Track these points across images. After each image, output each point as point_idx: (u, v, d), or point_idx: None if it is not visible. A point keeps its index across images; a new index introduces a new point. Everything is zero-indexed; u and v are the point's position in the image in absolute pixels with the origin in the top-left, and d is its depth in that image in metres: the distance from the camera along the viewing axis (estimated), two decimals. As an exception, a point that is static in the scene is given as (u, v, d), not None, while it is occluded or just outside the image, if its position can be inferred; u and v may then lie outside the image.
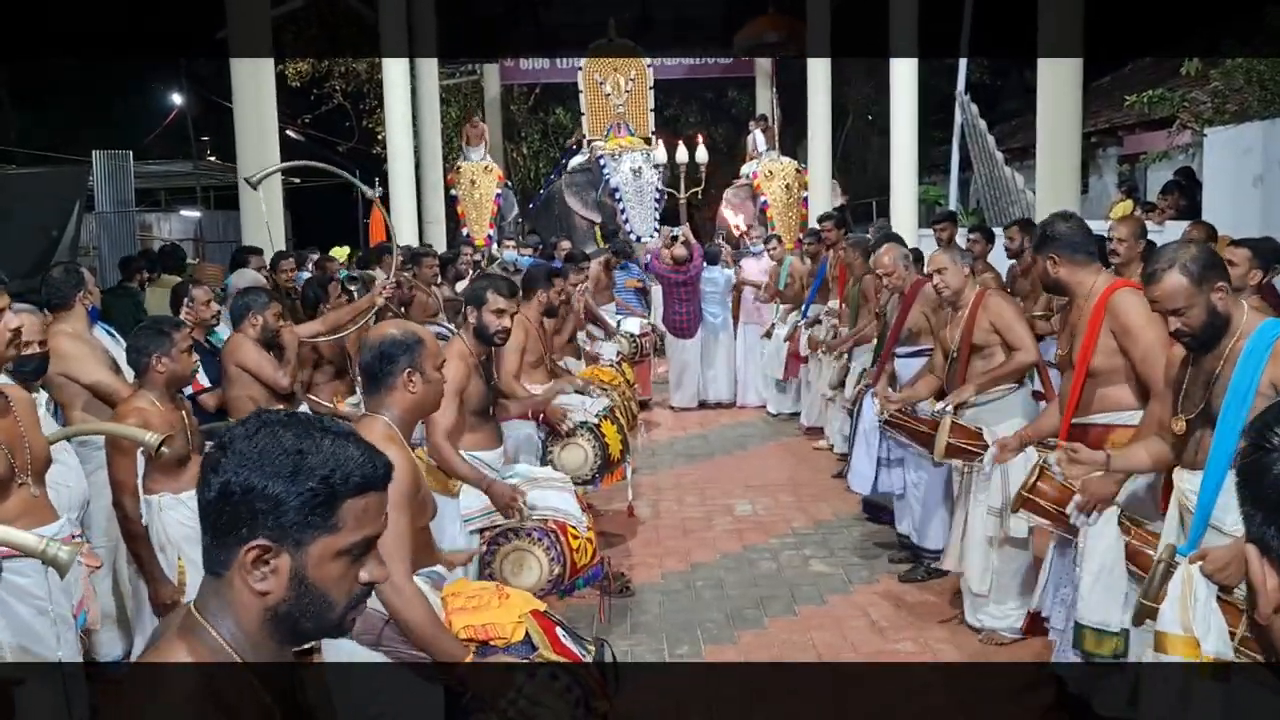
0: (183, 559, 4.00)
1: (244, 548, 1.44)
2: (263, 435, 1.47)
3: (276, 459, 1.45)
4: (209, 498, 1.46)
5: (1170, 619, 3.03)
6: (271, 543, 1.45)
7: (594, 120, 16.34)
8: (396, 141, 14.18)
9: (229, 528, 1.45)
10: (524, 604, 2.99)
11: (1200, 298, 3.19)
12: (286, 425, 1.49)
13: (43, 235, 13.22)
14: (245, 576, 1.46)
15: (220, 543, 1.47)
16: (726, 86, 23.01)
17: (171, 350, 4.01)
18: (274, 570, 1.46)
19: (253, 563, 1.45)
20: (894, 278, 6.15)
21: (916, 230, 12.28)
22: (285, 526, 1.44)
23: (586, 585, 4.43)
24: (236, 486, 1.44)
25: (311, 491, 1.45)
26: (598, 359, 8.04)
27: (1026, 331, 4.95)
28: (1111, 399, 4.05)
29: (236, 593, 1.47)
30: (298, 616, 1.49)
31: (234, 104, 9.86)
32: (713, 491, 7.86)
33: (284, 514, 1.44)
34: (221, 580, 1.48)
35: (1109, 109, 16.07)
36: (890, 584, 5.82)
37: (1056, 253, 4.08)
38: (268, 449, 1.45)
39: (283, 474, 1.44)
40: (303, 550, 1.46)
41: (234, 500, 1.44)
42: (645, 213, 15.58)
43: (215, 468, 1.46)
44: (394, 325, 3.21)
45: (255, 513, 1.44)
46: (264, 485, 1.44)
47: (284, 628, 1.50)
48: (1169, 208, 9.93)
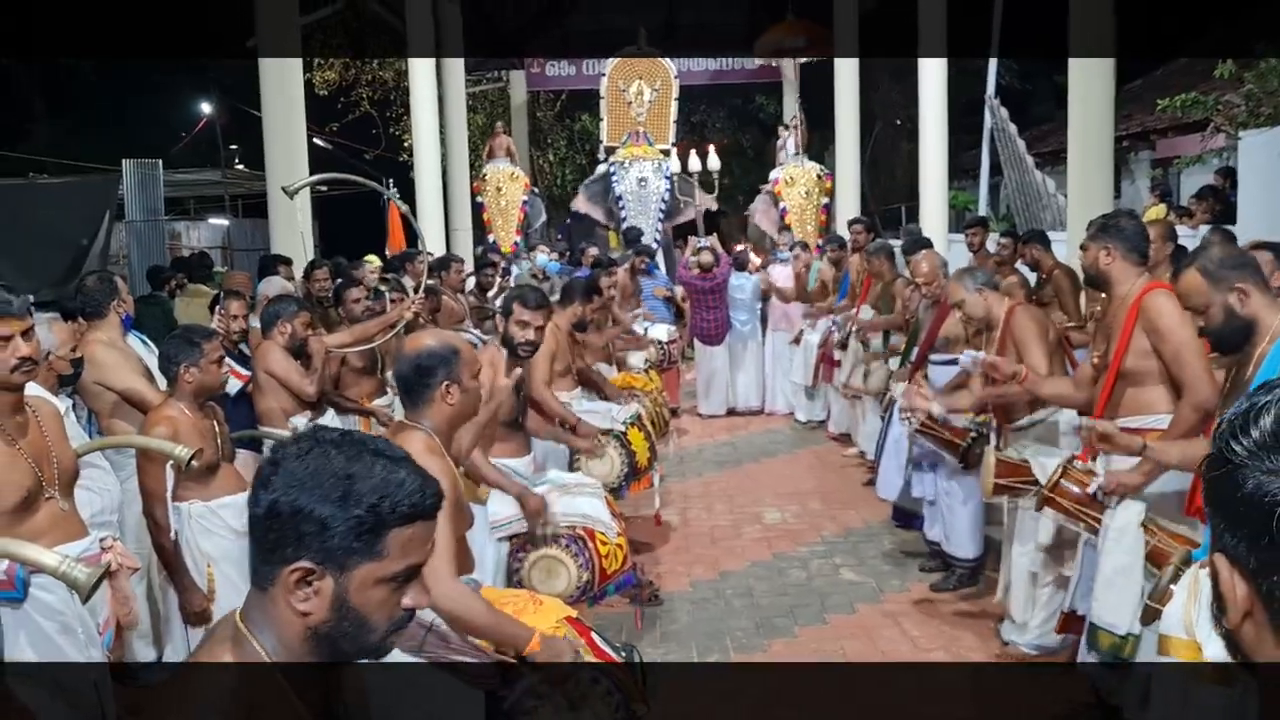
0: (212, 567, 3.99)
1: (287, 568, 1.43)
2: (314, 455, 1.45)
3: (326, 482, 1.43)
4: (257, 513, 1.46)
5: (1174, 622, 3.00)
6: (315, 565, 1.43)
7: (613, 127, 16.32)
8: (423, 149, 14.23)
9: (275, 546, 1.44)
10: (559, 610, 2.98)
11: (1217, 297, 3.20)
12: (339, 446, 1.47)
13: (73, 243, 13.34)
14: (288, 596, 1.45)
15: (265, 559, 1.46)
16: (753, 92, 22.99)
17: (200, 360, 4.01)
18: (316, 592, 1.45)
19: (295, 583, 1.44)
20: (933, 286, 6.09)
21: (946, 236, 12.19)
22: (330, 550, 1.43)
23: (617, 592, 4.41)
24: (285, 506, 1.43)
25: (358, 519, 1.43)
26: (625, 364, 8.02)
27: (1042, 354, 4.76)
28: (1142, 401, 4.00)
29: (279, 609, 1.47)
30: (337, 638, 1.48)
31: (263, 112, 9.90)
32: (742, 499, 7.81)
33: (330, 538, 1.42)
34: (265, 595, 1.48)
35: (1141, 112, 15.93)
36: (922, 592, 5.76)
37: (1115, 244, 4.03)
38: (318, 470, 1.44)
39: (331, 498, 1.42)
40: (346, 575, 1.45)
41: (281, 519, 1.43)
42: (647, 224, 15.56)
43: (265, 484, 1.45)
44: (431, 335, 3.18)
45: (301, 534, 1.43)
46: (311, 508, 1.42)
47: (324, 647, 1.49)
48: (1203, 212, 9.81)
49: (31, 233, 13.25)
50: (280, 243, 9.75)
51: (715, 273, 10.63)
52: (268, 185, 10.09)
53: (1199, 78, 13.56)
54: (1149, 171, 16.33)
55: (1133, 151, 16.36)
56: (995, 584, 5.51)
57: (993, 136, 13.76)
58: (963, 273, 5.26)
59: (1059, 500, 4.02)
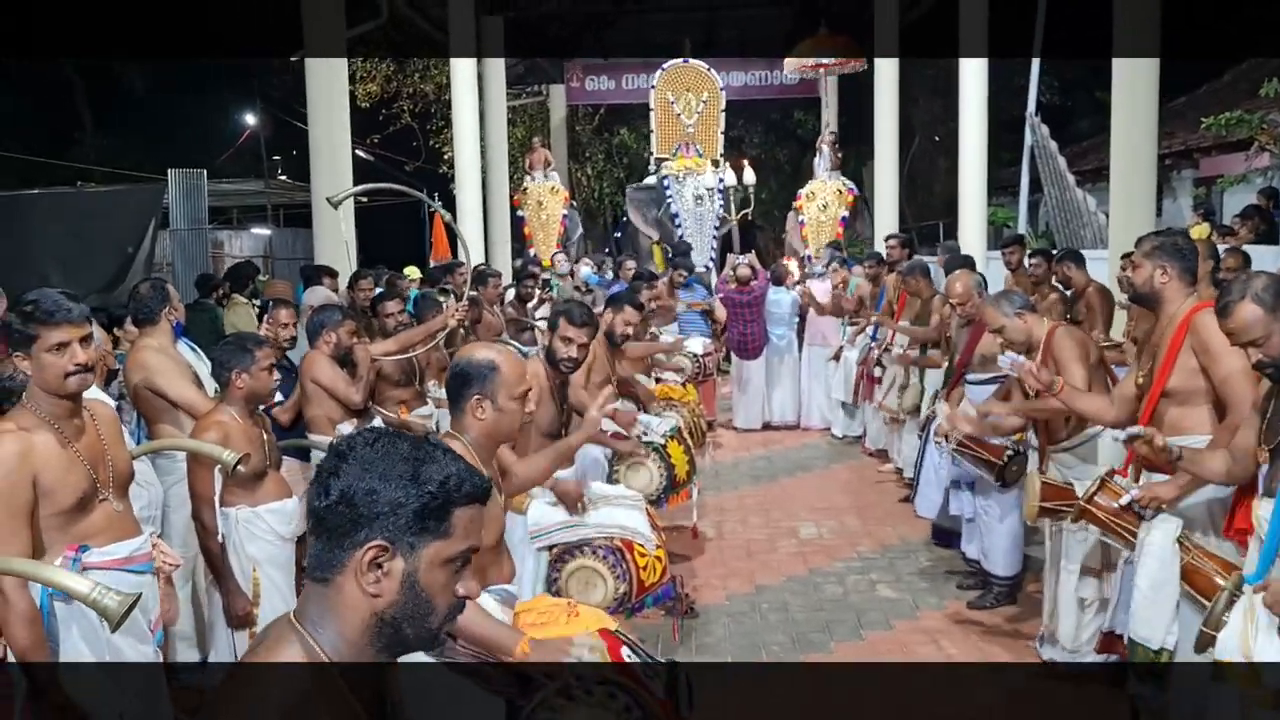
0: (258, 571, 4.06)
1: (363, 549, 1.49)
2: (382, 443, 1.53)
3: (397, 464, 1.50)
4: (327, 503, 1.50)
5: (1231, 647, 2.98)
6: (388, 544, 1.49)
7: (663, 138, 16.36)
8: (464, 162, 14.36)
9: (347, 530, 1.50)
10: (594, 621, 2.97)
11: (1277, 325, 3.15)
12: (402, 438, 1.56)
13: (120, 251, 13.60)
14: (359, 579, 1.50)
15: (334, 545, 1.51)
16: (791, 107, 23.00)
17: (252, 367, 4.08)
18: (387, 573, 1.50)
19: (369, 564, 1.49)
20: (968, 306, 6.07)
21: (985, 253, 12.13)
22: (402, 529, 1.50)
23: (655, 604, 4.41)
24: (358, 489, 1.49)
25: (430, 495, 1.50)
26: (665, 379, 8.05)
27: (1082, 374, 4.72)
28: (1186, 422, 3.97)
29: (345, 596, 1.52)
30: (402, 621, 1.53)
31: (309, 124, 10.03)
32: (777, 514, 7.81)
33: (402, 517, 1.49)
34: (329, 585, 1.53)
35: (1184, 130, 15.82)
36: (959, 610, 5.74)
37: (1171, 264, 4.02)
38: (388, 454, 1.51)
39: (404, 478, 1.50)
40: (416, 554, 1.51)
41: (354, 503, 1.49)
42: (704, 242, 15.59)
43: (335, 473, 1.51)
44: (484, 348, 3.16)
45: (376, 515, 1.49)
46: (384, 489, 1.49)
47: (386, 634, 1.53)
48: (1248, 231, 9.72)
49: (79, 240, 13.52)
50: (322, 252, 9.88)
51: (752, 286, 10.65)
52: (311, 195, 10.23)
53: (1243, 96, 13.47)
54: (1191, 190, 16.19)
55: (1175, 170, 16.23)
56: (1033, 602, 5.50)
57: (1033, 153, 13.68)
58: (999, 297, 5.23)
59: (1095, 512, 4.01)
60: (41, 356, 3.01)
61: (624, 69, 19.95)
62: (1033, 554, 5.94)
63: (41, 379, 3.04)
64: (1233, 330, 3.24)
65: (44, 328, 3.00)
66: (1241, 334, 3.21)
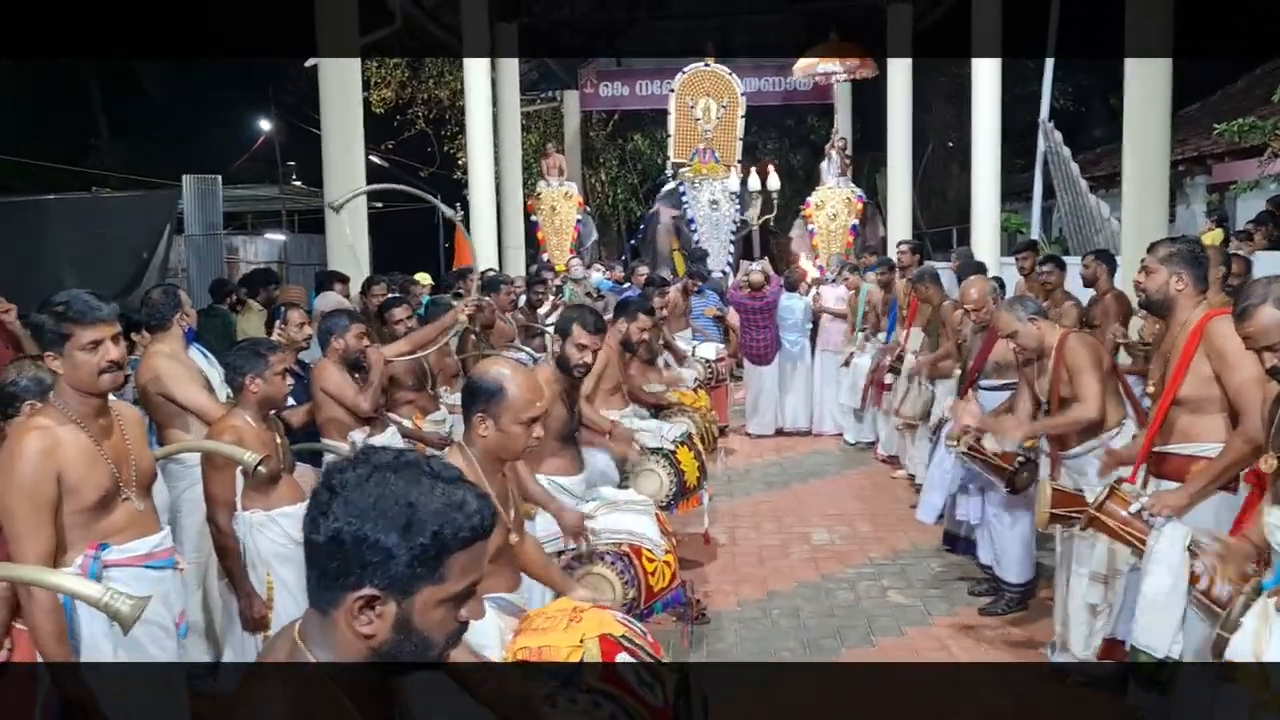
0: (272, 575, 4.07)
1: (351, 595, 1.45)
2: (374, 483, 1.46)
3: (389, 510, 1.45)
4: (318, 541, 1.46)
5: (1243, 651, 2.96)
6: (379, 592, 1.45)
7: (680, 143, 16.37)
8: (478, 167, 14.41)
9: (337, 574, 1.46)
10: (596, 626, 2.94)
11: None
12: (396, 470, 1.49)
13: (134, 256, 13.68)
14: (351, 620, 1.47)
15: (327, 585, 1.48)
16: (806, 113, 23.01)
17: (265, 372, 4.10)
18: (380, 616, 1.47)
19: (360, 609, 1.46)
20: (982, 313, 6.07)
21: (998, 259, 12.13)
22: (394, 578, 1.45)
23: (665, 610, 4.41)
24: (348, 536, 1.44)
25: (422, 547, 1.45)
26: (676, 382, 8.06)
27: (1095, 384, 4.70)
28: (1196, 430, 3.97)
29: (340, 632, 1.49)
30: (399, 656, 1.51)
31: (322, 130, 10.09)
32: (789, 520, 7.82)
33: (394, 566, 1.44)
34: (326, 618, 1.50)
35: (1197, 137, 15.78)
36: (970, 616, 5.73)
37: (1186, 271, 4.01)
38: (381, 499, 1.45)
39: (395, 526, 1.44)
40: (409, 599, 1.47)
41: (344, 548, 1.44)
42: (720, 246, 15.60)
43: (324, 512, 1.46)
44: (498, 365, 3.15)
45: (365, 563, 1.44)
46: (376, 537, 1.44)
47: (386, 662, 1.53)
48: (1262, 237, 9.68)
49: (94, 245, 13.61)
50: (336, 258, 9.92)
51: (765, 292, 10.66)
52: (325, 201, 10.29)
53: (1257, 102, 13.43)
54: (1204, 196, 16.15)
55: (1188, 176, 16.19)
56: (1045, 608, 5.49)
57: (1046, 159, 13.67)
58: (1013, 302, 5.20)
59: (1105, 520, 4.00)
60: (75, 355, 3.08)
61: (638, 75, 20.01)
62: (1044, 561, 5.94)
63: (75, 377, 3.10)
64: (1250, 334, 3.18)
65: (78, 326, 3.07)
66: (1259, 338, 3.15)
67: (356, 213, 10.35)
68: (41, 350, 3.15)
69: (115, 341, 3.14)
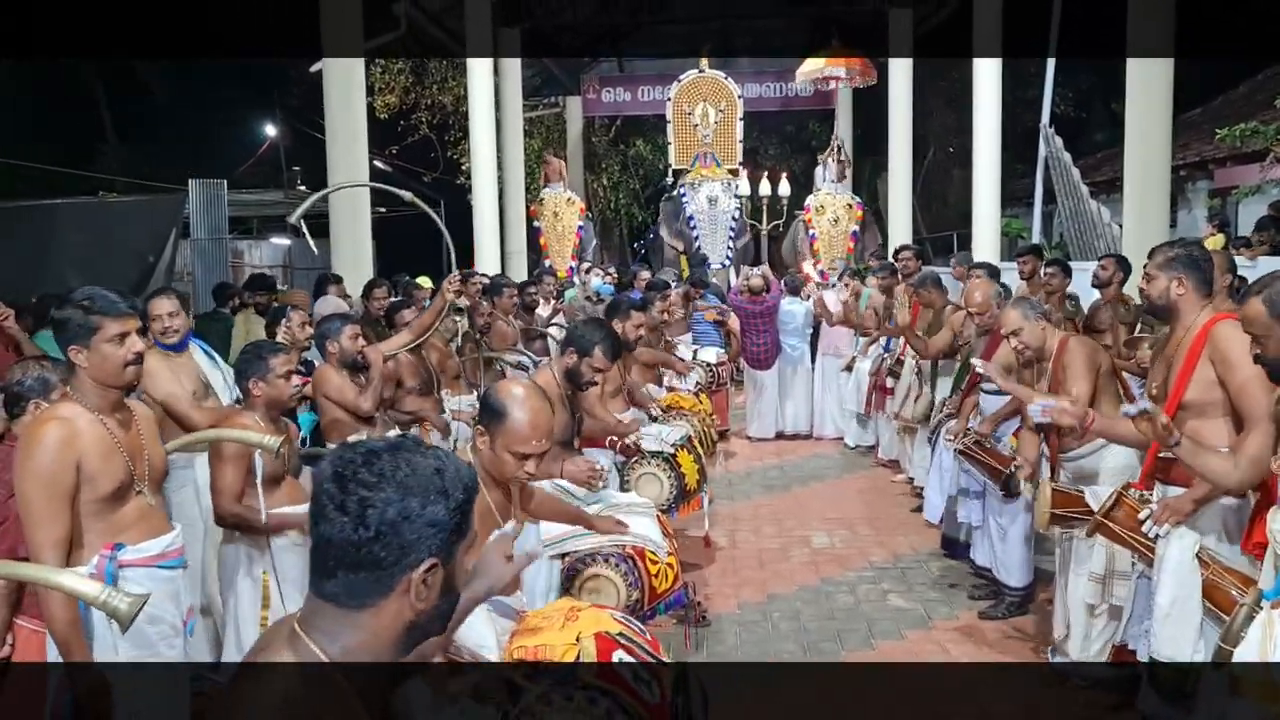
0: (268, 575, 4.08)
1: (415, 572, 1.49)
2: (402, 463, 1.51)
3: (426, 482, 1.51)
4: (365, 537, 1.47)
5: None
6: (438, 560, 1.52)
7: (680, 150, 16.44)
8: (481, 172, 14.47)
9: (398, 557, 1.48)
10: (592, 625, 2.95)
11: (1277, 329, 3.17)
12: (403, 449, 1.54)
13: (140, 260, 13.70)
14: (409, 599, 1.51)
15: (382, 575, 1.49)
16: (807, 119, 23.05)
17: (268, 375, 4.13)
18: (432, 585, 1.52)
19: (423, 583, 1.50)
20: (986, 317, 6.09)
21: (999, 263, 12.14)
22: (444, 542, 1.52)
23: (667, 611, 4.45)
24: (401, 517, 1.48)
25: (460, 504, 1.54)
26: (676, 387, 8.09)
27: (1087, 385, 4.71)
28: (1202, 434, 3.95)
29: (384, 616, 1.51)
30: (433, 620, 1.57)
31: (326, 135, 10.15)
32: (790, 523, 7.84)
33: (443, 531, 1.51)
34: (363, 610, 1.51)
35: (1199, 142, 15.82)
36: (971, 620, 5.75)
37: (1186, 275, 4.01)
38: (413, 474, 1.51)
39: (437, 493, 1.51)
40: (452, 560, 1.55)
41: (399, 531, 1.48)
42: (718, 242, 15.63)
43: (367, 507, 1.47)
44: (515, 387, 3.15)
45: (421, 537, 1.49)
46: (427, 509, 1.50)
47: (414, 636, 1.56)
48: (1263, 243, 9.71)
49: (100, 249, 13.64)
50: (341, 262, 9.98)
51: (765, 297, 10.70)
52: (330, 205, 10.33)
53: (1259, 107, 13.45)
54: (1206, 201, 16.17)
55: (1190, 181, 16.22)
56: (1046, 612, 5.52)
57: (1047, 164, 13.70)
58: (1019, 301, 5.23)
59: (1112, 526, 4.00)
60: (102, 347, 3.15)
61: (640, 80, 20.08)
62: (1046, 566, 5.97)
63: (101, 370, 3.17)
64: (1242, 319, 3.33)
65: (107, 318, 3.14)
66: (1245, 326, 3.30)
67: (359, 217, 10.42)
68: (63, 345, 3.20)
69: (140, 333, 3.23)
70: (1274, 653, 2.92)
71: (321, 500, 1.49)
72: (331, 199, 10.04)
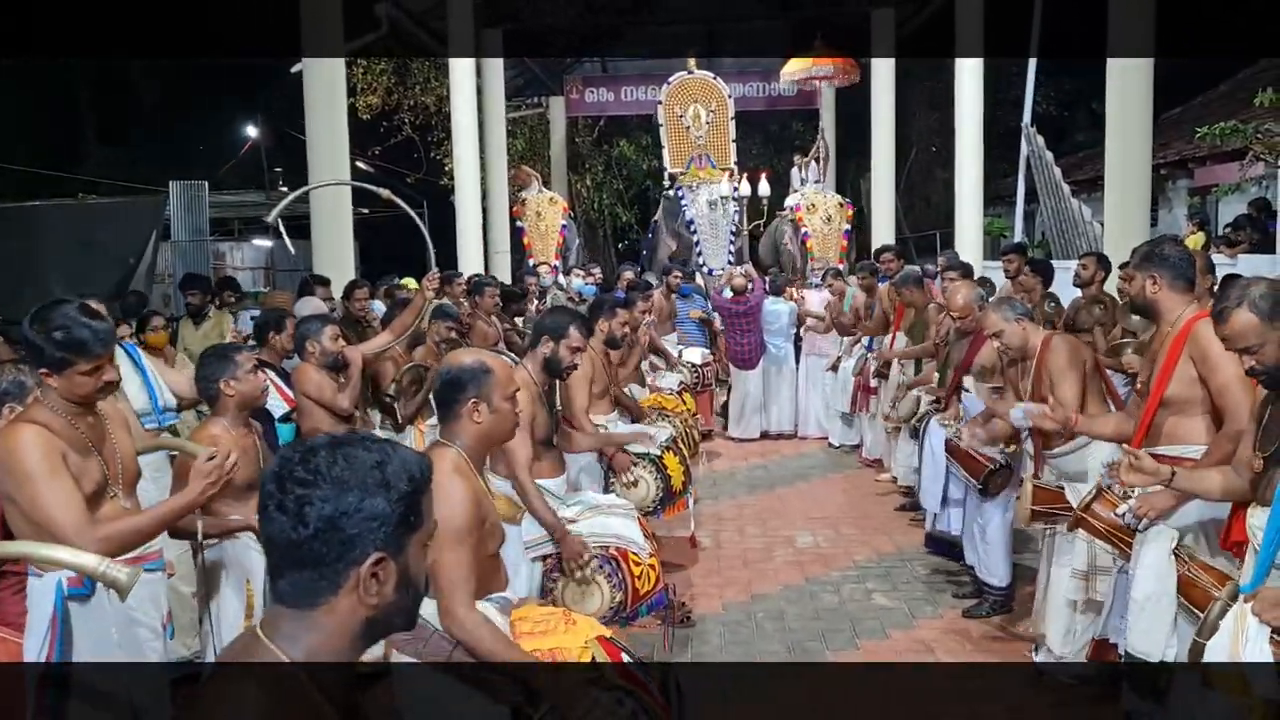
0: (251, 583, 4.04)
1: (360, 568, 1.49)
2: (340, 458, 1.51)
3: (365, 476, 1.50)
4: (305, 535, 1.47)
5: (1220, 656, 2.98)
6: (384, 554, 1.50)
7: (675, 153, 16.41)
8: (464, 173, 14.44)
9: (340, 554, 1.48)
10: (590, 629, 2.99)
11: (1272, 334, 3.13)
12: (345, 444, 1.54)
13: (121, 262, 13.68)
14: (359, 595, 1.50)
15: (324, 571, 1.49)
16: (790, 119, 23.07)
17: (238, 372, 4.10)
18: (384, 579, 1.52)
19: (370, 578, 1.50)
20: (967, 320, 6.10)
21: (982, 262, 12.21)
22: (389, 535, 1.51)
23: (649, 613, 4.44)
24: (339, 513, 1.47)
25: (404, 496, 1.52)
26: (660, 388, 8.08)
27: (1074, 384, 4.71)
28: (1183, 431, 3.98)
29: (338, 614, 1.51)
30: (394, 615, 1.56)
31: (307, 136, 10.10)
32: (774, 522, 7.84)
33: (388, 524, 1.50)
34: (316, 609, 1.51)
35: (1179, 141, 15.89)
36: (955, 619, 5.75)
37: (1160, 273, 4.00)
38: (352, 469, 1.50)
39: (378, 487, 1.50)
40: (403, 553, 1.54)
41: (340, 527, 1.47)
42: (719, 246, 15.61)
43: (305, 504, 1.47)
44: (467, 354, 3.24)
45: (362, 532, 1.48)
46: (366, 504, 1.49)
47: (376, 630, 1.56)
48: (1242, 241, 9.76)
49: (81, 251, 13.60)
50: (323, 263, 9.93)
51: (748, 297, 10.70)
52: (311, 207, 10.29)
53: (1239, 106, 13.52)
54: (1186, 200, 16.26)
55: (1170, 180, 16.30)
56: (1029, 610, 5.53)
57: (1029, 164, 13.75)
58: (1000, 303, 5.23)
59: (1091, 521, 4.01)
60: (74, 377, 3.13)
61: (623, 81, 20.04)
62: (1027, 563, 5.99)
63: (71, 394, 3.15)
64: (1227, 336, 3.23)
65: (82, 358, 3.11)
66: (1236, 340, 3.20)
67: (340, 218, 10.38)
68: (34, 367, 3.18)
69: (111, 361, 3.20)
70: (1245, 644, 2.94)
71: (264, 501, 1.51)
72: (312, 200, 9.99)
